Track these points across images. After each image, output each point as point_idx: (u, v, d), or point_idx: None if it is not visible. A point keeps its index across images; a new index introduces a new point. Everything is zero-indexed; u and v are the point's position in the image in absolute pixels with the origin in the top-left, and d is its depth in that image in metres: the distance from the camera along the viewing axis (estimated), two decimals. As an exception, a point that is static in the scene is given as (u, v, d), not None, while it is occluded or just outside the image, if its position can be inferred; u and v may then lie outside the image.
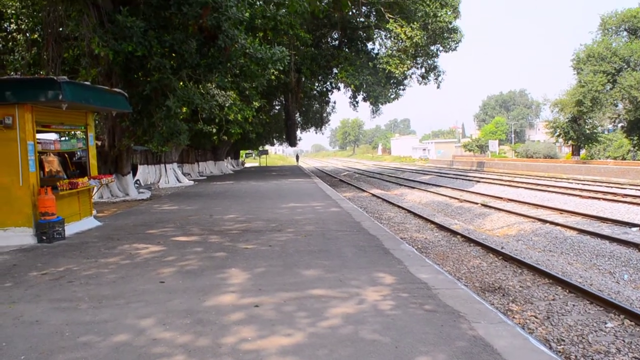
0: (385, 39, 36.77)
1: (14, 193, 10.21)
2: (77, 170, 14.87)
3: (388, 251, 8.58)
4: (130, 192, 20.64)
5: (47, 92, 9.99)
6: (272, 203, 17.25)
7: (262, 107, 36.22)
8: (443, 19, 32.13)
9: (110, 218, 14.30)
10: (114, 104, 13.12)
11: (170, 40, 15.94)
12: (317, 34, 36.90)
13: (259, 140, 61.16)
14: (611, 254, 12.02)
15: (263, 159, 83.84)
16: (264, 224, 12.11)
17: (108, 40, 14.85)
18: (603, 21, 55.81)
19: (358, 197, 27.55)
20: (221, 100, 24.40)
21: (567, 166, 44.75)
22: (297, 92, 39.31)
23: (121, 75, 17.50)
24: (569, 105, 53.06)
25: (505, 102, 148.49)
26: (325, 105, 52.35)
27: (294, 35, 26.15)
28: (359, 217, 13.34)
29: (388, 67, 32.67)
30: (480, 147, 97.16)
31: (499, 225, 17.49)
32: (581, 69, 52.75)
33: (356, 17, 36.33)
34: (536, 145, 78.34)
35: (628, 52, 50.75)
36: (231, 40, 16.37)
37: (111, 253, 8.95)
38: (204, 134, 29.79)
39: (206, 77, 18.73)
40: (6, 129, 10.00)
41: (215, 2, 15.27)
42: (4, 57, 21.18)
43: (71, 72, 20.68)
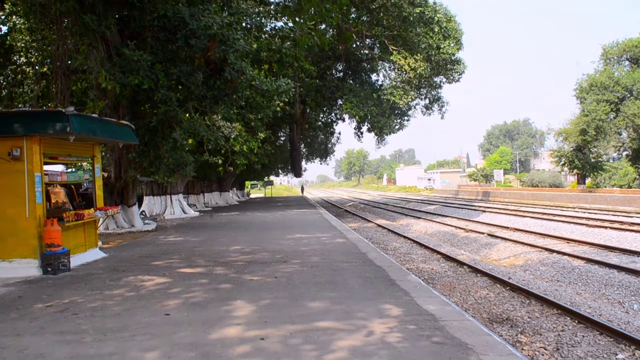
0: (389, 71, 37.18)
1: (20, 224, 10.24)
2: (84, 201, 14.91)
3: (394, 282, 8.52)
4: (136, 223, 20.66)
5: (55, 125, 10.11)
6: (278, 234, 17.21)
7: (267, 138, 36.47)
8: (446, 50, 32.49)
9: (116, 249, 14.29)
10: (121, 135, 13.24)
11: (177, 73, 16.15)
12: (321, 66, 37.37)
13: (264, 171, 61.35)
14: (620, 283, 11.89)
15: (268, 190, 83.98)
16: (269, 255, 12.07)
17: (115, 73, 15.06)
18: (605, 51, 56.30)
19: (364, 227, 27.47)
20: (227, 132, 24.59)
21: (572, 195, 44.58)
22: (302, 123, 39.59)
23: (128, 107, 17.70)
24: (573, 134, 53.12)
25: (510, 131, 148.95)
26: (330, 136, 52.67)
27: (299, 67, 26.45)
28: (365, 248, 13.28)
29: (392, 98, 32.94)
30: (486, 176, 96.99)
31: (505, 255, 17.37)
32: (584, 98, 52.97)
33: (360, 49, 36.83)
34: (541, 174, 78.16)
35: (630, 81, 51.00)
36: (237, 72, 16.58)
37: (116, 285, 8.92)
38: (210, 165, 29.95)
39: (212, 109, 18.91)
40: (14, 161, 10.09)
41: (222, 35, 15.52)
42: (13, 89, 21.47)
43: (79, 104, 20.91)
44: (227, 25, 15.93)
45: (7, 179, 10.14)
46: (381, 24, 31.89)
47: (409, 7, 30.10)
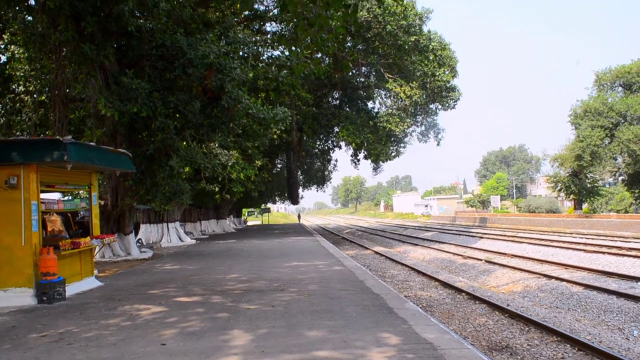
0: (385, 98, 37.54)
1: (15, 253, 10.17)
2: (80, 229, 14.85)
3: (392, 310, 8.46)
4: (132, 251, 20.55)
5: (53, 153, 10.12)
6: (275, 262, 17.12)
7: (264, 166, 36.54)
8: (441, 78, 32.84)
9: (112, 278, 14.18)
10: (118, 164, 13.25)
11: (174, 101, 16.26)
12: (318, 94, 37.68)
13: (262, 199, 61.33)
14: (619, 309, 11.83)
15: (265, 217, 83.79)
16: (266, 284, 11.99)
17: (114, 101, 15.16)
18: (598, 77, 57.03)
19: (361, 254, 27.36)
20: (224, 160, 24.64)
21: (569, 220, 44.60)
22: (299, 151, 39.73)
23: (126, 135, 17.76)
24: (569, 159, 53.39)
25: (505, 157, 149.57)
26: (326, 163, 52.83)
27: (295, 95, 26.72)
28: (362, 275, 13.22)
29: (388, 126, 33.16)
30: (482, 202, 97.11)
31: (504, 281, 17.30)
32: (579, 124, 53.39)
33: (356, 77, 37.19)
34: (538, 200, 78.28)
35: (624, 106, 51.51)
36: (234, 100, 16.70)
37: (112, 314, 8.84)
38: (207, 193, 29.92)
39: (209, 137, 18.99)
40: (11, 189, 10.07)
41: (219, 64, 15.68)
42: (11, 117, 21.56)
43: (77, 132, 20.99)
44: (224, 55, 16.10)
45: (3, 207, 10.10)
46: (377, 52, 32.28)
47: (404, 35, 30.50)
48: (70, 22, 15.13)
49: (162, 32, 16.69)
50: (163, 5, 15.71)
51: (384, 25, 29.85)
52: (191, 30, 17.62)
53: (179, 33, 16.65)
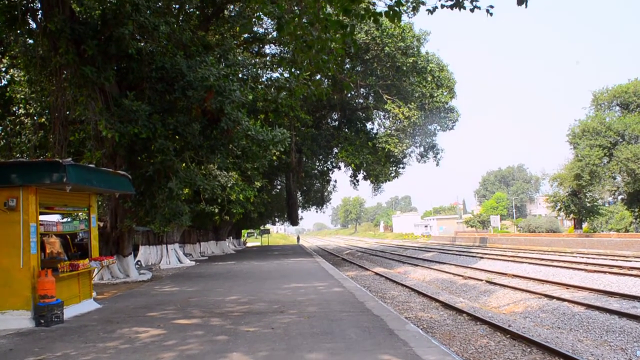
0: (383, 119, 37.66)
1: (13, 275, 10.11)
2: (79, 251, 14.79)
3: (393, 332, 8.40)
4: (131, 273, 20.44)
5: (52, 175, 10.13)
6: (274, 284, 17.03)
7: (263, 187, 36.55)
8: (439, 99, 33.02)
9: (110, 300, 14.08)
10: (118, 185, 13.26)
11: (174, 122, 16.34)
12: (317, 115, 37.86)
13: (261, 220, 61.24)
14: (621, 329, 11.74)
15: (265, 239, 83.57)
16: (266, 306, 11.91)
17: (114, 123, 15.23)
18: (595, 97, 57.46)
19: (361, 276, 27.23)
20: (223, 181, 24.66)
21: (570, 240, 44.49)
22: (298, 172, 39.77)
23: (125, 157, 17.80)
24: (568, 179, 53.51)
25: (505, 177, 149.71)
26: (326, 184, 52.82)
27: (294, 116, 26.83)
28: (363, 297, 13.14)
29: (387, 147, 33.24)
30: (482, 222, 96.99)
31: (505, 302, 17.19)
32: (577, 143, 53.64)
33: (355, 98, 37.41)
34: (538, 220, 78.22)
35: (622, 126, 51.79)
36: (234, 122, 16.78)
37: (110, 337, 8.76)
38: (206, 214, 29.88)
39: (208, 158, 19.03)
40: (10, 211, 10.05)
41: (219, 86, 15.78)
42: (11, 139, 21.64)
43: (76, 154, 21.04)
44: (223, 77, 16.22)
45: (2, 230, 10.07)
46: (375, 73, 32.52)
47: (402, 57, 30.75)
48: (70, 45, 15.27)
49: (162, 54, 16.84)
50: (163, 28, 15.86)
51: (382, 47, 30.12)
52: (191, 53, 17.78)
53: (178, 55, 16.80)
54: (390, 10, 7.44)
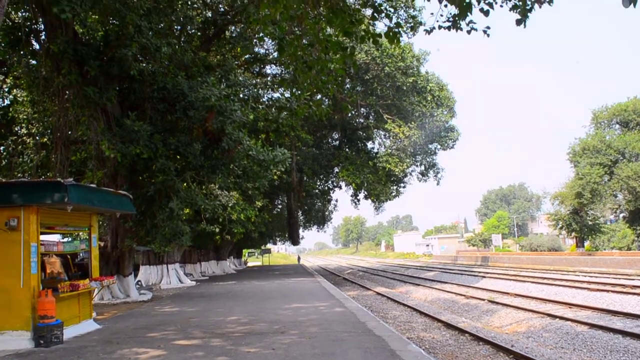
0: (384, 139, 37.82)
1: (14, 295, 10.07)
2: (79, 271, 14.74)
3: (395, 353, 8.34)
4: (132, 293, 20.35)
5: (54, 195, 10.15)
6: (276, 304, 16.94)
7: (264, 207, 36.54)
8: (439, 118, 33.21)
9: (110, 320, 14.01)
10: (119, 205, 13.27)
11: (175, 142, 16.40)
12: (318, 135, 38.02)
13: (262, 240, 61.10)
14: (625, 348, 11.65)
15: (266, 258, 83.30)
16: (267, 326, 11.84)
17: (116, 143, 15.30)
18: (595, 115, 57.70)
19: (362, 295, 27.09)
20: (224, 201, 24.67)
21: (572, 258, 44.29)
22: (299, 191, 39.80)
23: (126, 177, 17.84)
24: (569, 197, 53.45)
25: (506, 196, 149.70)
26: (327, 203, 52.85)
27: (295, 136, 26.93)
28: (364, 317, 13.06)
29: (388, 166, 33.33)
30: (484, 241, 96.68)
31: (507, 321, 17.08)
32: (578, 161, 53.72)
33: (355, 118, 37.60)
34: (540, 239, 77.94)
35: (622, 144, 51.91)
36: (235, 142, 16.85)
37: (110, 358, 8.70)
38: (207, 234, 29.83)
39: (209, 178, 19.07)
40: (11, 231, 10.05)
41: (220, 106, 15.88)
42: (13, 159, 21.70)
43: (77, 173, 21.09)
44: (224, 97, 16.33)
45: (2, 249, 10.06)
46: (375, 93, 32.74)
47: (401, 77, 30.97)
48: (73, 66, 15.41)
49: (163, 75, 16.98)
50: (165, 49, 16.01)
51: (382, 67, 30.37)
52: (192, 74, 17.92)
53: (180, 76, 16.94)
54: (390, 32, 7.52)
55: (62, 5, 13.10)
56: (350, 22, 7.22)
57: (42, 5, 14.77)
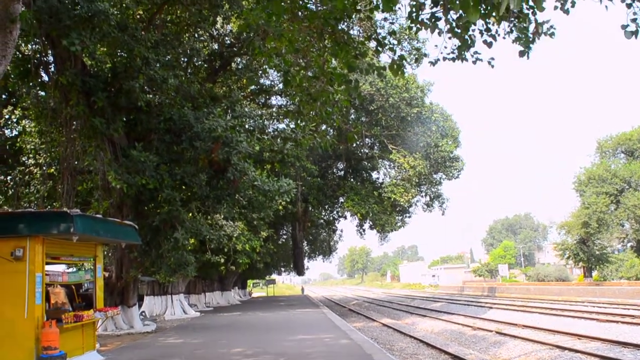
0: (389, 169, 37.93)
1: (17, 326, 10.02)
2: (84, 302, 14.69)
3: (401, 383, 8.22)
4: (136, 324, 20.21)
5: (60, 225, 10.19)
6: (281, 335, 16.78)
7: (269, 237, 36.47)
8: (444, 148, 33.33)
9: (114, 352, 13.89)
10: (124, 236, 13.30)
11: (181, 173, 16.51)
12: (323, 165, 38.17)
13: (267, 270, 60.80)
14: (636, 382, 11.44)
15: (270, 289, 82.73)
16: (272, 358, 11.72)
17: (122, 173, 15.41)
18: (599, 144, 57.77)
19: (368, 327, 26.80)
20: (229, 231, 24.67)
21: (580, 289, 43.81)
22: (304, 222, 39.77)
23: (132, 207, 17.91)
24: (576, 227, 53.14)
25: (512, 225, 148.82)
26: (332, 233, 52.71)
27: (300, 166, 27.05)
28: (370, 349, 12.91)
29: (393, 196, 33.34)
30: (490, 271, 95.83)
31: (515, 353, 16.82)
32: (583, 191, 53.59)
33: (360, 148, 37.79)
34: (547, 269, 77.20)
35: (628, 173, 51.83)
36: (240, 173, 16.94)
37: (113, 391, 8.61)
38: (212, 265, 29.72)
39: (215, 208, 19.12)
40: (16, 261, 10.06)
41: (226, 137, 16.02)
42: (20, 189, 21.84)
43: (83, 203, 21.19)
44: (230, 128, 16.48)
45: (7, 280, 10.06)
46: (380, 124, 32.95)
47: (406, 107, 31.22)
48: (81, 97, 15.63)
49: (170, 106, 17.18)
50: (172, 81, 16.24)
51: (386, 98, 30.63)
52: (198, 105, 18.13)
53: (186, 107, 17.14)
54: (394, 64, 7.64)
55: (71, 38, 13.38)
56: (354, 55, 7.34)
57: (52, 38, 15.06)
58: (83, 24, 13.81)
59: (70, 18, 13.52)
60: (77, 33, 13.54)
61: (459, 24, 7.25)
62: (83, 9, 13.64)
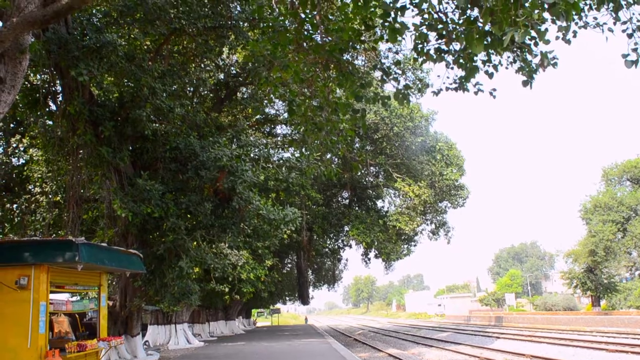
0: (394, 197, 37.93)
1: (20, 355, 9.97)
2: (87, 331, 14.62)
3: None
4: (139, 354, 20.01)
5: (65, 254, 10.22)
6: (285, 365, 16.60)
7: (274, 266, 36.30)
8: (449, 177, 33.37)
9: (117, 384, 13.75)
10: (129, 264, 13.30)
11: (186, 202, 16.56)
12: (327, 194, 38.22)
13: (271, 299, 60.35)
14: (647, 415, 11.23)
15: (275, 318, 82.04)
16: (276, 388, 11.57)
17: (127, 202, 15.47)
18: (605, 172, 57.70)
19: (374, 357, 26.48)
20: (234, 260, 24.59)
21: (588, 318, 43.25)
22: (309, 250, 39.63)
23: (137, 235, 17.92)
24: (583, 255, 52.73)
25: (518, 254, 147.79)
26: (337, 262, 52.44)
27: (305, 195, 27.08)
28: (376, 378, 12.74)
29: (398, 225, 33.28)
30: (497, 300, 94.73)
31: (523, 385, 16.57)
32: (590, 219, 53.31)
33: (365, 176, 37.86)
34: (554, 298, 76.30)
35: (634, 200, 51.62)
36: (245, 201, 16.98)
37: (116, 422, 8.51)
38: (216, 293, 29.56)
39: (219, 237, 19.10)
40: (20, 290, 10.06)
41: (231, 166, 16.11)
42: (25, 217, 21.92)
43: (88, 232, 21.22)
44: (236, 157, 16.58)
45: (11, 308, 10.05)
46: (385, 152, 33.08)
47: (410, 136, 31.37)
48: (88, 126, 15.79)
49: (176, 135, 17.34)
50: (178, 110, 16.42)
51: (391, 127, 30.81)
52: (204, 134, 18.28)
53: (192, 136, 17.28)
54: (399, 94, 7.72)
55: (80, 68, 13.60)
56: (359, 85, 7.43)
57: (60, 68, 15.28)
58: (91, 55, 14.04)
59: (79, 49, 13.76)
60: (86, 63, 13.76)
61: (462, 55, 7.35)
62: (92, 40, 13.89)
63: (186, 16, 16.11)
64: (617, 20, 7.83)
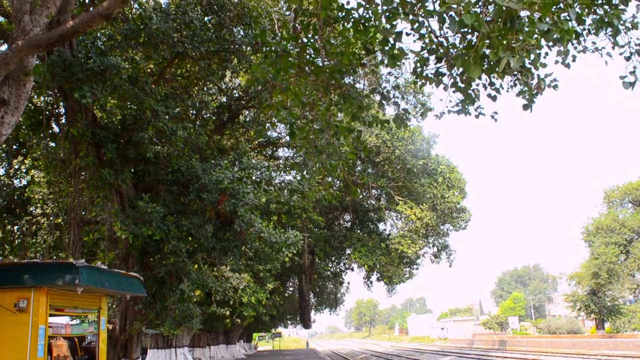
0: (396, 220, 37.85)
1: (18, 380, 9.85)
2: (86, 355, 14.51)
3: None
4: (138, 379, 19.79)
5: (65, 276, 10.14)
6: (286, 389, 16.38)
7: (275, 289, 36.09)
8: (451, 200, 33.33)
9: (116, 409, 13.57)
10: (129, 287, 13.21)
11: (187, 224, 16.52)
12: (329, 217, 38.15)
13: (273, 323, 59.89)
14: None
15: (276, 342, 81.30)
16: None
17: (129, 224, 15.44)
18: (606, 194, 57.62)
19: (376, 381, 26.16)
20: (235, 283, 24.46)
21: (593, 341, 42.78)
22: (311, 274, 39.41)
23: (138, 258, 17.84)
24: (586, 278, 52.41)
25: (521, 277, 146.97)
26: (339, 285, 52.10)
27: (307, 218, 27.03)
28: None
29: (400, 247, 33.15)
30: (500, 324, 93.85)
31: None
32: (592, 241, 53.14)
33: (367, 199, 37.82)
34: (558, 321, 75.61)
35: (636, 222, 51.46)
36: (247, 224, 16.94)
37: None
38: (217, 317, 29.34)
39: (221, 260, 19.02)
40: (19, 312, 9.96)
41: (232, 189, 16.11)
42: (26, 239, 21.86)
43: (89, 254, 21.15)
44: (237, 180, 16.58)
45: (9, 331, 9.93)
46: (386, 175, 33.09)
47: (412, 159, 31.41)
48: (91, 148, 15.83)
49: (178, 157, 17.38)
50: (180, 133, 16.47)
51: (392, 150, 30.86)
52: (206, 156, 18.32)
53: (194, 159, 17.32)
54: (398, 118, 7.76)
55: (83, 91, 13.69)
56: (358, 107, 7.47)
57: (64, 91, 15.38)
58: (95, 77, 14.14)
59: (82, 71, 13.86)
60: (89, 86, 13.86)
61: (462, 79, 7.40)
62: (95, 62, 14.00)
63: (189, 40, 16.25)
64: (615, 44, 7.89)
